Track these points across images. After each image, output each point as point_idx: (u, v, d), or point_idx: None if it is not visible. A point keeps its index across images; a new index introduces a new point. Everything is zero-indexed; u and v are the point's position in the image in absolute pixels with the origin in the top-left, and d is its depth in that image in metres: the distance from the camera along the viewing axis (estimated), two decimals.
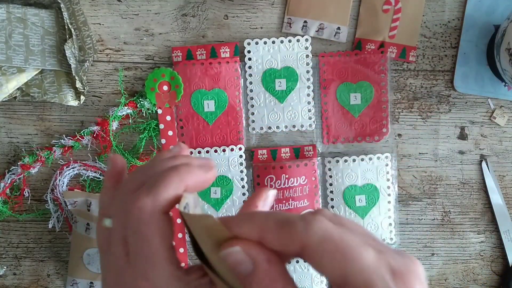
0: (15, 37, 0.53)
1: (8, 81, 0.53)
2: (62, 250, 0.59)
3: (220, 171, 0.58)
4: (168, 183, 0.27)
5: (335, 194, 0.58)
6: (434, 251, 0.60)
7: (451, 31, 0.58)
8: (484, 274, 0.61)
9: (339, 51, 0.58)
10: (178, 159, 0.30)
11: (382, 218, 0.58)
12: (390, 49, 0.58)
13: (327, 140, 0.58)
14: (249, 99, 0.58)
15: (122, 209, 0.28)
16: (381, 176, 0.58)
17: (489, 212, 0.60)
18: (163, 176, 0.28)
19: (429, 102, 0.59)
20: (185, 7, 0.57)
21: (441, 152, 0.59)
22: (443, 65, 0.59)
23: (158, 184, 0.27)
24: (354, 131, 0.58)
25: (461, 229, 0.60)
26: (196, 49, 0.57)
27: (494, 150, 0.60)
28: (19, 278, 0.59)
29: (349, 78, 0.58)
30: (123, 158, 0.33)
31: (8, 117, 0.57)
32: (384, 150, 0.59)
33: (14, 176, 0.56)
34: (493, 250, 0.60)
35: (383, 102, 0.58)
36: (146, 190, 0.27)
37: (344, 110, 0.58)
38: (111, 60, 0.57)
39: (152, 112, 0.57)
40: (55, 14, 0.54)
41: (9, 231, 0.59)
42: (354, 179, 0.58)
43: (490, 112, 0.59)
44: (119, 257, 0.27)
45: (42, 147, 0.57)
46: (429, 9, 0.58)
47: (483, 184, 0.60)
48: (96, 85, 0.57)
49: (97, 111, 0.58)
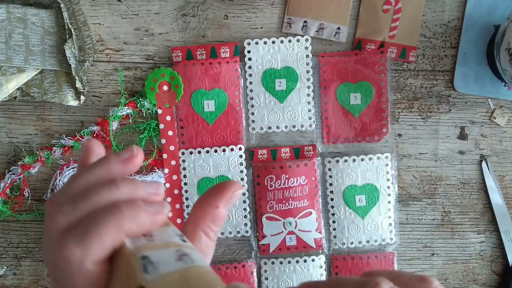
0: (15, 37, 0.53)
1: (8, 81, 0.53)
2: None
3: (220, 171, 0.58)
4: (103, 233, 0.22)
5: (335, 194, 0.58)
6: (434, 251, 0.60)
7: (451, 31, 0.58)
8: (484, 274, 0.61)
9: (339, 51, 0.58)
10: (120, 188, 0.24)
11: (382, 218, 0.58)
12: (390, 49, 0.58)
13: (327, 140, 0.58)
14: (249, 99, 0.58)
15: (50, 252, 0.23)
16: (381, 176, 0.58)
17: (489, 212, 0.60)
18: (98, 222, 0.22)
19: (429, 102, 0.59)
20: (185, 7, 0.57)
21: (441, 152, 0.59)
22: (443, 65, 0.59)
23: (90, 234, 0.22)
24: (354, 131, 0.58)
25: (461, 229, 0.60)
26: (196, 49, 0.57)
27: (494, 150, 0.60)
28: (19, 278, 0.59)
29: (349, 78, 0.58)
30: (99, 142, 0.28)
31: (8, 117, 0.57)
32: (384, 150, 0.59)
33: (14, 176, 0.56)
34: (493, 250, 0.60)
35: (383, 102, 0.58)
36: (75, 239, 0.22)
37: (344, 110, 0.58)
38: (111, 60, 0.57)
39: (152, 112, 0.57)
40: (55, 14, 0.54)
41: (9, 231, 0.59)
42: (354, 179, 0.58)
43: (490, 112, 0.59)
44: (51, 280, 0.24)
45: (42, 147, 0.57)
46: (429, 9, 0.58)
47: (483, 184, 0.60)
48: (96, 85, 0.58)
49: (97, 111, 0.58)
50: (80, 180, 0.25)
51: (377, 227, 0.58)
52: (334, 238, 0.59)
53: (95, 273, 0.22)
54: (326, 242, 0.59)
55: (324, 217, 0.59)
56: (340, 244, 0.58)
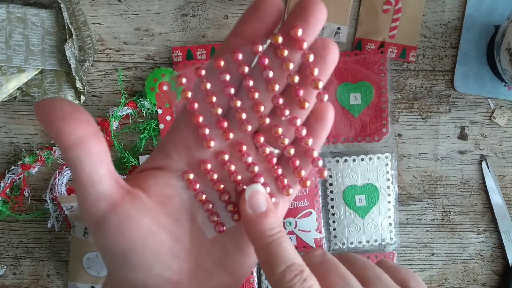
0: (15, 37, 0.53)
1: (8, 81, 0.53)
2: (62, 250, 0.59)
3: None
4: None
5: (335, 194, 0.58)
6: (434, 251, 0.60)
7: (451, 31, 0.58)
8: (484, 274, 0.61)
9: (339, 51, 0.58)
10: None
11: (382, 218, 0.58)
12: (390, 49, 0.58)
13: (327, 140, 0.58)
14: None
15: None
16: (381, 176, 0.58)
17: (489, 212, 0.60)
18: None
19: (429, 102, 0.59)
20: (185, 7, 0.57)
21: (441, 152, 0.59)
22: (443, 65, 0.59)
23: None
24: (354, 131, 0.58)
25: (461, 229, 0.60)
26: (196, 49, 0.57)
27: (494, 150, 0.60)
28: (19, 278, 0.59)
29: (349, 78, 0.58)
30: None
31: (8, 117, 0.57)
32: (384, 150, 0.59)
33: (14, 176, 0.56)
34: (493, 250, 0.60)
35: (383, 102, 0.58)
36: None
37: (344, 110, 0.58)
38: (111, 60, 0.57)
39: (152, 112, 0.57)
40: (55, 14, 0.54)
41: (9, 231, 0.59)
42: (354, 179, 0.58)
43: (490, 112, 0.59)
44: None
45: (42, 147, 0.57)
46: (429, 9, 0.58)
47: (483, 184, 0.60)
48: (96, 85, 0.58)
49: (97, 111, 0.58)
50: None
51: (377, 227, 0.58)
52: (334, 238, 0.59)
53: None
54: (326, 242, 0.59)
55: (324, 217, 0.59)
56: (340, 244, 0.58)
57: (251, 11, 0.24)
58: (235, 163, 0.27)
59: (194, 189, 0.26)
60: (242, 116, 0.25)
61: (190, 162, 0.26)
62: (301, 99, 0.25)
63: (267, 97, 0.25)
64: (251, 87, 0.25)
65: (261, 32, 0.24)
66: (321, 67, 0.25)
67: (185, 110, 0.26)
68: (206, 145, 0.26)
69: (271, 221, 0.25)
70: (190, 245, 0.26)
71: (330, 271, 0.25)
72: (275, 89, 0.25)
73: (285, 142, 0.26)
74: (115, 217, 0.23)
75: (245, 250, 0.27)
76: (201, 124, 0.25)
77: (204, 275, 0.26)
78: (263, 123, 0.26)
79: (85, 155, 0.22)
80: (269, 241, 0.24)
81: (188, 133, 0.26)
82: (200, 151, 0.26)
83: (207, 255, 0.26)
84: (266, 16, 0.23)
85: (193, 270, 0.26)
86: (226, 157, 0.26)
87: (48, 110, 0.21)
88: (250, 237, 0.25)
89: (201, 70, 0.25)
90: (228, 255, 0.27)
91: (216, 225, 0.27)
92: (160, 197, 0.25)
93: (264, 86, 0.25)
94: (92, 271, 0.55)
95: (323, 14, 0.24)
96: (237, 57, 0.24)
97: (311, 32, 0.24)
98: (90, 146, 0.22)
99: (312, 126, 0.27)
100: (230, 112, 0.26)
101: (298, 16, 0.23)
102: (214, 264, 0.27)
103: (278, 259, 0.23)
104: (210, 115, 0.25)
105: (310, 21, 0.23)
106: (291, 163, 0.27)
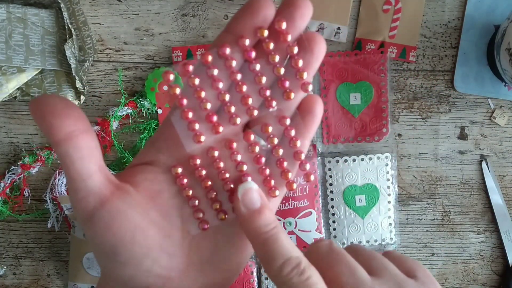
0: (15, 37, 0.53)
1: (8, 81, 0.53)
2: (62, 250, 0.59)
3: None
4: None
5: (335, 194, 0.58)
6: (434, 251, 0.60)
7: (451, 31, 0.58)
8: (484, 274, 0.61)
9: (339, 51, 0.58)
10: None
11: (382, 218, 0.58)
12: (390, 49, 0.58)
13: (327, 140, 0.58)
14: None
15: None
16: (381, 176, 0.58)
17: (489, 212, 0.60)
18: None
19: (429, 102, 0.59)
20: (185, 7, 0.57)
21: (441, 152, 0.59)
22: (443, 65, 0.59)
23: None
24: (354, 131, 0.58)
25: (461, 229, 0.60)
26: (196, 49, 0.57)
27: (494, 150, 0.60)
28: (19, 278, 0.59)
29: (349, 78, 0.58)
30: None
31: (8, 117, 0.57)
32: (384, 150, 0.59)
33: (14, 176, 0.56)
34: (493, 250, 0.60)
35: (383, 102, 0.58)
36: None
37: (344, 110, 0.58)
38: (111, 60, 0.57)
39: (152, 112, 0.57)
40: (55, 14, 0.54)
41: (9, 231, 0.59)
42: (354, 179, 0.58)
43: (490, 112, 0.59)
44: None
45: (42, 147, 0.57)
46: (429, 9, 0.58)
47: (483, 184, 0.60)
48: (96, 85, 0.58)
49: (97, 111, 0.58)
50: None
51: (377, 227, 0.58)
52: (334, 238, 0.59)
53: None
54: None
55: (324, 217, 0.59)
56: (340, 244, 0.58)
57: (243, 9, 0.24)
58: (225, 161, 0.26)
59: (181, 184, 0.26)
60: (231, 109, 0.25)
61: (180, 158, 0.26)
62: (287, 89, 0.25)
63: (256, 91, 0.26)
64: (239, 81, 0.25)
65: (251, 29, 0.24)
66: (309, 59, 0.25)
67: (176, 106, 0.26)
68: (196, 139, 0.25)
69: (266, 217, 0.25)
70: (180, 241, 0.26)
71: (336, 261, 0.25)
72: (262, 82, 0.25)
73: (275, 142, 0.26)
74: (104, 212, 0.23)
75: (237, 246, 0.27)
76: (191, 120, 0.25)
77: (195, 271, 0.26)
78: (252, 115, 0.26)
79: (75, 150, 0.22)
80: (265, 237, 0.24)
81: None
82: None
83: (198, 251, 0.26)
84: (257, 14, 0.24)
85: (183, 266, 0.26)
86: (216, 153, 0.26)
87: (41, 106, 0.22)
88: (247, 234, 0.25)
89: (188, 66, 0.25)
90: (220, 251, 0.27)
91: (200, 222, 0.26)
92: (150, 191, 0.25)
93: (252, 80, 0.25)
94: (92, 271, 0.55)
95: (308, 9, 0.24)
96: (224, 52, 0.24)
97: (297, 26, 0.25)
98: (80, 141, 0.22)
99: (301, 120, 0.27)
100: (221, 108, 0.26)
101: (284, 12, 0.24)
102: (205, 260, 0.26)
103: (275, 254, 0.24)
104: (200, 111, 0.25)
105: (295, 15, 0.24)
106: (279, 165, 0.27)
